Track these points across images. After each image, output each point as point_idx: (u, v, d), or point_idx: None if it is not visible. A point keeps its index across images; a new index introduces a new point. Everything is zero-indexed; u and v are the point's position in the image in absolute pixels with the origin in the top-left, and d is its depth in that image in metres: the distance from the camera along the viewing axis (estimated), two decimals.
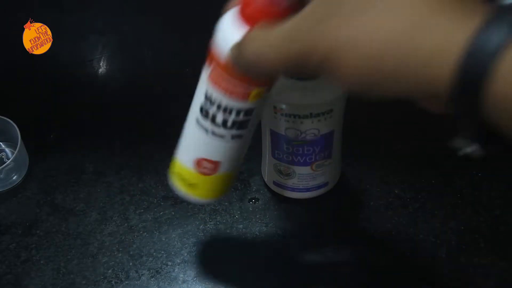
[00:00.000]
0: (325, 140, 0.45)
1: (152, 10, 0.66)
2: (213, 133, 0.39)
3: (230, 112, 0.38)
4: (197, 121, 0.39)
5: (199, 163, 0.41)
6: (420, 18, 0.22)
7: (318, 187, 0.50)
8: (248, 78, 0.36)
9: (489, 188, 0.52)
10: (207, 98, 0.38)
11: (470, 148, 0.23)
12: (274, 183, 0.51)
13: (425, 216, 0.51)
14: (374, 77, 0.24)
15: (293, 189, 0.50)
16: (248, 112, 0.38)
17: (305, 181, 0.49)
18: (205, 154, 0.41)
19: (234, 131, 0.39)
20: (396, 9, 0.23)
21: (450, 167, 0.53)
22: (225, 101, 0.37)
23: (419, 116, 0.45)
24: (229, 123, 0.38)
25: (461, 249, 0.49)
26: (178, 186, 0.43)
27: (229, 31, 0.34)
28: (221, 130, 0.39)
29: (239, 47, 0.30)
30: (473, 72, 0.20)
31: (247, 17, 0.33)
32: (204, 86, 0.38)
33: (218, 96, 0.37)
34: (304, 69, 0.27)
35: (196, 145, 0.41)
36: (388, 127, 0.58)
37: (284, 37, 0.27)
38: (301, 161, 0.46)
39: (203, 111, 0.39)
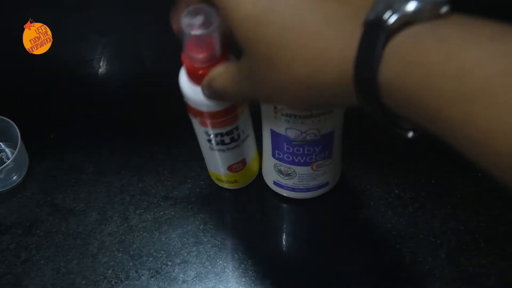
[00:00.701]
0: (325, 140, 0.45)
1: (152, 10, 0.66)
2: (228, 149, 0.46)
3: (233, 132, 0.45)
4: (212, 149, 0.47)
5: (230, 168, 0.49)
6: (316, 52, 0.27)
7: (319, 187, 0.50)
8: (231, 109, 0.42)
9: (489, 188, 0.52)
10: (209, 135, 0.45)
11: (406, 134, 0.28)
12: (275, 183, 0.51)
13: (425, 216, 0.51)
14: (307, 103, 0.31)
15: (293, 189, 0.50)
16: (244, 121, 0.45)
17: (305, 181, 0.49)
18: (232, 161, 0.49)
19: (242, 138, 0.46)
20: (300, 55, 0.28)
21: (450, 167, 0.53)
22: (224, 129, 0.44)
23: None
24: (236, 137, 0.45)
25: (461, 249, 0.49)
26: (225, 185, 0.53)
27: (193, 93, 0.40)
28: (233, 144, 0.46)
29: (209, 85, 0.36)
30: (365, 71, 0.25)
31: (192, 78, 0.40)
32: (202, 129, 0.45)
33: (217, 131, 0.44)
34: (259, 101, 0.35)
35: (221, 160, 0.48)
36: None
37: (235, 80, 0.33)
38: (302, 161, 0.46)
39: (212, 142, 0.46)
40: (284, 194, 0.52)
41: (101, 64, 0.64)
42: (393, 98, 0.25)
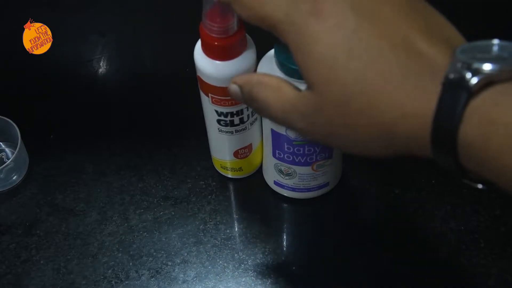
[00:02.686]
0: None
1: (152, 10, 0.66)
2: (237, 131, 0.46)
3: (242, 112, 0.45)
4: (220, 130, 0.47)
5: (236, 153, 0.49)
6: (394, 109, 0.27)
7: (319, 187, 0.50)
8: None
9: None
10: (220, 114, 0.45)
11: (476, 185, 0.28)
12: (275, 183, 0.51)
13: (425, 216, 0.51)
14: (375, 153, 0.31)
15: (293, 189, 0.50)
16: None
17: (306, 181, 0.49)
18: (239, 146, 0.49)
19: (251, 120, 0.46)
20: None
21: None
22: (235, 108, 0.44)
23: None
24: (245, 118, 0.45)
25: (461, 249, 0.49)
26: (229, 174, 0.53)
27: (208, 67, 0.41)
28: (242, 126, 0.46)
29: (250, 87, 0.33)
30: (445, 129, 0.26)
31: (207, 50, 0.40)
32: (212, 107, 0.44)
33: (228, 109, 0.44)
34: (313, 139, 0.33)
35: (228, 144, 0.48)
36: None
37: (288, 107, 0.32)
38: (302, 161, 0.46)
39: (221, 123, 0.46)
40: (285, 194, 0.52)
41: (101, 64, 0.64)
42: (472, 158, 0.26)
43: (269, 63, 0.42)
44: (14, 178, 0.55)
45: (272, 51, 0.42)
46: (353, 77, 0.28)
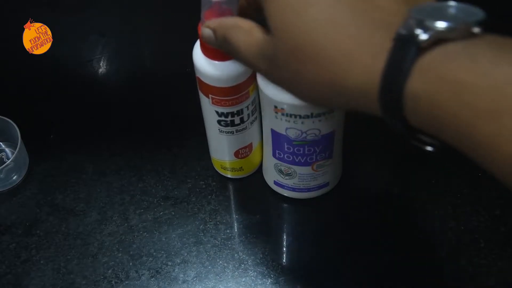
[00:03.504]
0: (326, 140, 0.45)
1: (152, 10, 0.66)
2: (237, 131, 0.46)
3: (243, 112, 0.44)
4: (220, 131, 0.47)
5: (237, 153, 0.49)
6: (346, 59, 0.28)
7: (319, 187, 0.50)
8: (244, 86, 0.42)
9: (489, 188, 0.52)
10: (220, 115, 0.45)
11: (425, 147, 0.28)
12: (275, 183, 0.51)
13: (425, 216, 0.51)
14: (323, 101, 0.31)
15: (293, 189, 0.50)
16: (253, 101, 0.44)
17: (306, 181, 0.49)
18: (239, 145, 0.48)
19: (251, 119, 0.46)
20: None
21: (450, 167, 0.53)
22: (235, 108, 0.44)
23: None
24: (245, 118, 0.45)
25: (461, 249, 0.49)
26: (228, 174, 0.53)
27: (207, 67, 0.41)
28: (242, 126, 0.46)
29: (223, 31, 0.35)
30: (392, 82, 0.26)
31: (206, 51, 0.40)
32: (212, 108, 0.44)
33: (228, 109, 0.44)
34: (269, 80, 0.34)
35: (229, 144, 0.48)
36: (389, 127, 0.58)
37: (254, 49, 0.33)
38: (302, 161, 0.46)
39: (222, 123, 0.46)
40: (285, 194, 0.52)
41: (101, 64, 0.64)
42: (418, 113, 0.26)
43: None
44: (14, 178, 0.55)
45: None
46: (307, 25, 0.28)
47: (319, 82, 0.29)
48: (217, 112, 0.44)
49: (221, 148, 0.50)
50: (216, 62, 0.41)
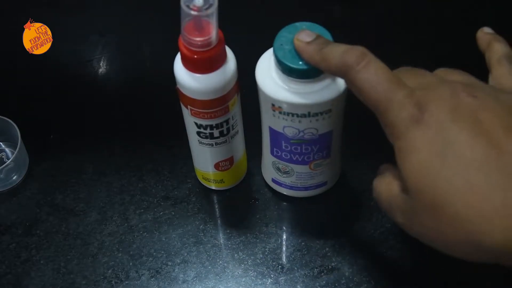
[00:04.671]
0: (323, 139, 0.45)
1: (152, 10, 0.66)
2: (217, 144, 0.46)
3: (222, 125, 0.45)
4: (200, 142, 0.47)
5: (217, 165, 0.49)
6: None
7: (317, 186, 0.50)
8: (223, 100, 0.42)
9: None
10: (199, 126, 0.45)
11: None
12: (273, 180, 0.51)
13: None
14: (468, 257, 0.31)
15: (291, 187, 0.50)
16: (234, 116, 0.45)
17: (303, 180, 0.49)
18: (219, 158, 0.48)
19: (231, 133, 0.46)
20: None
21: None
22: (214, 122, 0.44)
23: None
24: (225, 131, 0.45)
25: None
26: (209, 185, 0.53)
27: (187, 80, 0.41)
28: (222, 139, 0.46)
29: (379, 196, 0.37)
30: None
31: (187, 63, 0.40)
32: (192, 119, 0.44)
33: (207, 122, 0.44)
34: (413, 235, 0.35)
35: (209, 156, 0.48)
36: None
37: (394, 206, 0.35)
38: (300, 159, 0.46)
39: (201, 135, 0.46)
40: (283, 192, 0.52)
41: (101, 64, 0.64)
42: None
43: (267, 62, 0.42)
44: (14, 178, 0.55)
45: (270, 50, 0.42)
46: (442, 187, 0.29)
47: (457, 241, 0.30)
48: (196, 123, 0.44)
49: (202, 159, 0.50)
50: (196, 74, 0.40)
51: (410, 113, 0.31)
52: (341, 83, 0.41)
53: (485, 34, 0.40)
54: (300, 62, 0.39)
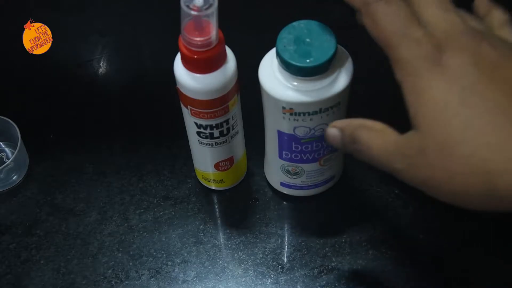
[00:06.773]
0: None
1: (152, 10, 0.66)
2: (217, 144, 0.46)
3: (222, 125, 0.45)
4: (200, 142, 0.47)
5: (217, 165, 0.49)
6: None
7: (325, 181, 0.50)
8: (223, 100, 0.42)
9: None
10: (199, 126, 0.45)
11: None
12: (282, 184, 0.51)
13: (425, 216, 0.51)
14: (474, 203, 0.30)
15: (301, 187, 0.50)
16: (234, 116, 0.45)
17: (313, 177, 0.49)
18: (219, 158, 0.48)
19: (231, 133, 0.46)
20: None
21: None
22: (214, 122, 0.44)
23: None
24: (225, 131, 0.45)
25: (461, 249, 0.49)
26: (209, 185, 0.53)
27: (187, 80, 0.41)
28: (222, 139, 0.46)
29: (352, 130, 0.35)
30: None
31: (187, 63, 0.40)
32: (192, 119, 0.44)
33: (207, 122, 0.44)
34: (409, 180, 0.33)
35: (209, 156, 0.48)
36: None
37: (391, 149, 0.33)
38: (310, 158, 0.46)
39: (201, 135, 0.46)
40: (294, 194, 0.52)
41: (101, 64, 0.64)
42: None
43: (270, 62, 0.42)
44: (14, 178, 0.55)
45: (269, 54, 0.42)
46: (461, 123, 0.28)
47: (468, 183, 0.29)
48: (196, 123, 0.44)
49: (202, 159, 0.50)
50: (197, 74, 0.40)
51: (428, 52, 0.30)
52: (346, 73, 0.41)
53: (484, 1, 0.38)
54: (308, 60, 0.39)
